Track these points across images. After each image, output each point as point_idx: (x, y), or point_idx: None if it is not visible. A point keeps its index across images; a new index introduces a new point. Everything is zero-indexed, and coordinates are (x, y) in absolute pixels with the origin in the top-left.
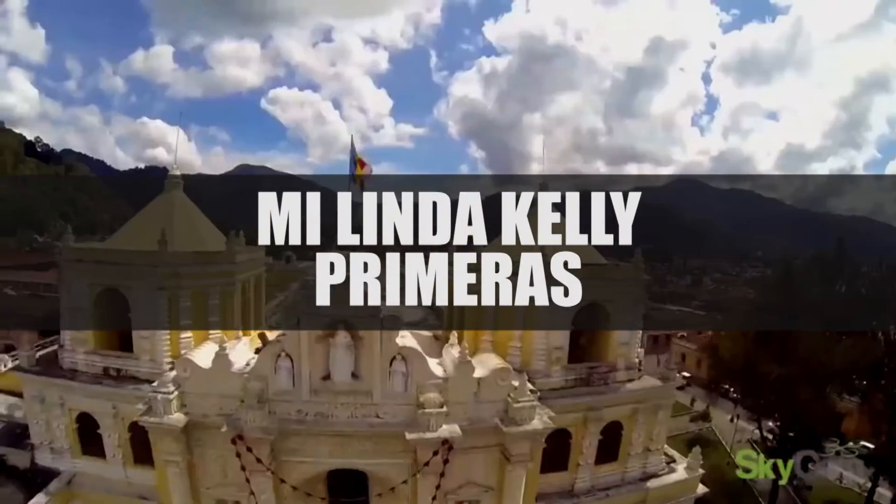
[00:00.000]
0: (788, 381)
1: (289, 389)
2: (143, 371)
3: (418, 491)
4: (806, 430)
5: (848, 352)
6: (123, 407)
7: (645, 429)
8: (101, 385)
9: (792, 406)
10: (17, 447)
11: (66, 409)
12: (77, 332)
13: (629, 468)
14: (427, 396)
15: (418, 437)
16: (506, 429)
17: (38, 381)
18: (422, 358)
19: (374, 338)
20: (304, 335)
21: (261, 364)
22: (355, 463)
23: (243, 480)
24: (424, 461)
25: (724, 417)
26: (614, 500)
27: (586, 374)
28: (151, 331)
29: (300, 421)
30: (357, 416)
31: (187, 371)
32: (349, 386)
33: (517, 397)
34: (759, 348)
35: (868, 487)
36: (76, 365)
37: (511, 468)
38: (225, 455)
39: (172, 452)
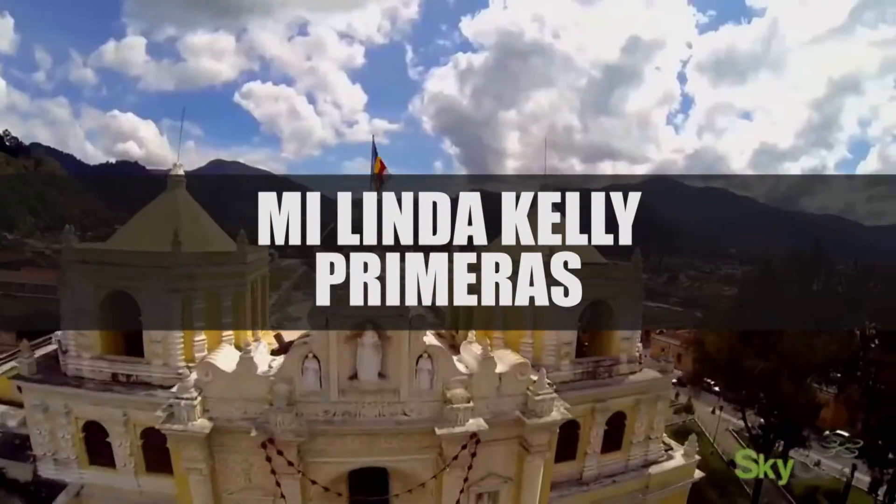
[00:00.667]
0: (772, 374)
1: (316, 390)
2: (155, 376)
3: (444, 485)
4: (788, 421)
5: (827, 346)
6: (135, 414)
7: (646, 418)
8: (111, 392)
9: (775, 398)
10: (16, 459)
11: (73, 417)
12: (82, 336)
13: (632, 456)
14: (454, 392)
15: (448, 431)
16: (528, 421)
17: (41, 389)
18: (447, 355)
19: (403, 337)
20: (333, 335)
21: (288, 366)
22: (381, 461)
23: (268, 484)
24: (453, 455)
25: (705, 409)
26: (620, 486)
27: (592, 368)
28: (164, 334)
29: (328, 421)
30: (384, 415)
31: (209, 375)
32: (377, 385)
33: (537, 390)
34: (743, 343)
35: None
36: (81, 371)
37: (531, 458)
38: (249, 459)
39: (196, 459)
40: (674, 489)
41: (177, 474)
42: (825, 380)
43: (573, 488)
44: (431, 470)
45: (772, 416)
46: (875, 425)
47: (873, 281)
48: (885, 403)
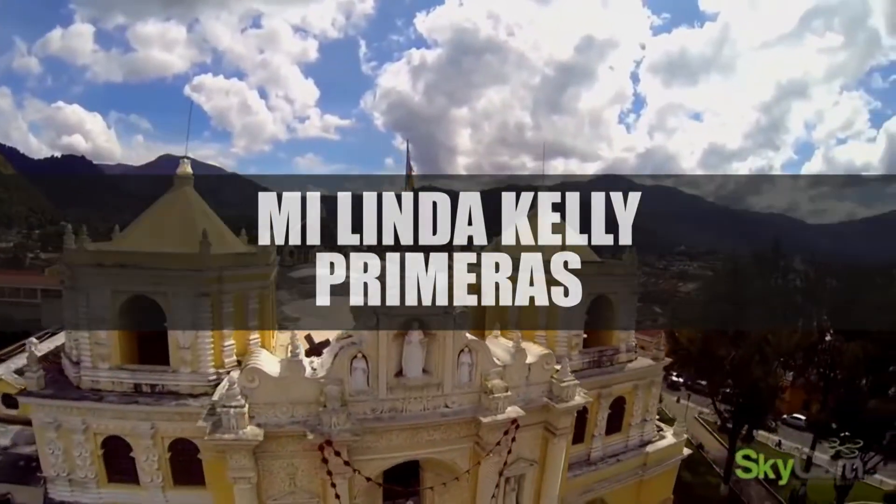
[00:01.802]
0: (743, 361)
1: (364, 389)
2: (183, 385)
3: (481, 472)
4: (753, 406)
5: (791, 336)
6: (163, 426)
7: (642, 402)
8: (136, 404)
9: (746, 383)
10: (23, 482)
11: (91, 433)
12: (99, 346)
13: (631, 437)
14: (494, 383)
15: (492, 419)
16: (557, 406)
17: (54, 405)
18: (486, 349)
19: (447, 333)
20: (383, 335)
21: (337, 366)
22: (422, 453)
23: (312, 487)
24: (495, 441)
25: (671, 399)
26: (623, 464)
27: (598, 357)
28: (193, 340)
29: (377, 418)
30: (428, 408)
31: (255, 381)
32: (422, 380)
33: (561, 378)
34: (715, 334)
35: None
36: (99, 383)
37: (556, 441)
38: (294, 463)
39: (245, 468)
40: (667, 465)
41: (214, 485)
42: (787, 366)
43: (584, 468)
44: (467, 458)
45: (740, 401)
46: (832, 406)
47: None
48: (840, 386)
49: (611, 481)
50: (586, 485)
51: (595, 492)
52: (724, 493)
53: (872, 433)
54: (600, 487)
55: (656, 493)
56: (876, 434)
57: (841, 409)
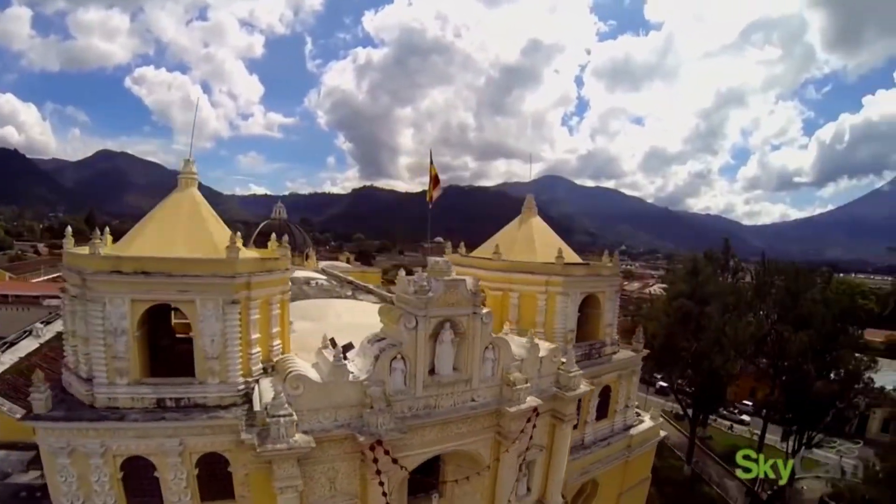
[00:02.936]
0: (703, 352)
1: (402, 388)
2: (211, 396)
3: (503, 460)
4: (712, 394)
5: (745, 328)
6: (192, 441)
7: (625, 390)
8: (164, 420)
9: (705, 373)
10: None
11: (110, 456)
12: (117, 360)
13: (616, 422)
14: (515, 375)
15: (517, 409)
16: (567, 394)
17: (69, 428)
18: (507, 345)
19: (476, 332)
20: (421, 336)
21: (380, 368)
22: (451, 446)
23: (351, 488)
24: (518, 429)
25: None
26: (612, 447)
27: (588, 350)
28: (222, 350)
29: (415, 416)
30: (458, 403)
31: (300, 388)
32: (453, 377)
33: (568, 369)
34: (677, 328)
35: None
36: (117, 401)
37: (564, 427)
38: (335, 466)
39: (292, 476)
40: (647, 446)
41: (251, 498)
42: (740, 355)
43: (580, 452)
44: (489, 448)
45: (698, 390)
46: (779, 390)
47: (775, 276)
48: (788, 372)
49: (602, 462)
50: (583, 467)
51: (590, 473)
52: (687, 473)
53: (817, 413)
54: (594, 469)
55: (638, 473)
56: (820, 413)
57: (790, 392)
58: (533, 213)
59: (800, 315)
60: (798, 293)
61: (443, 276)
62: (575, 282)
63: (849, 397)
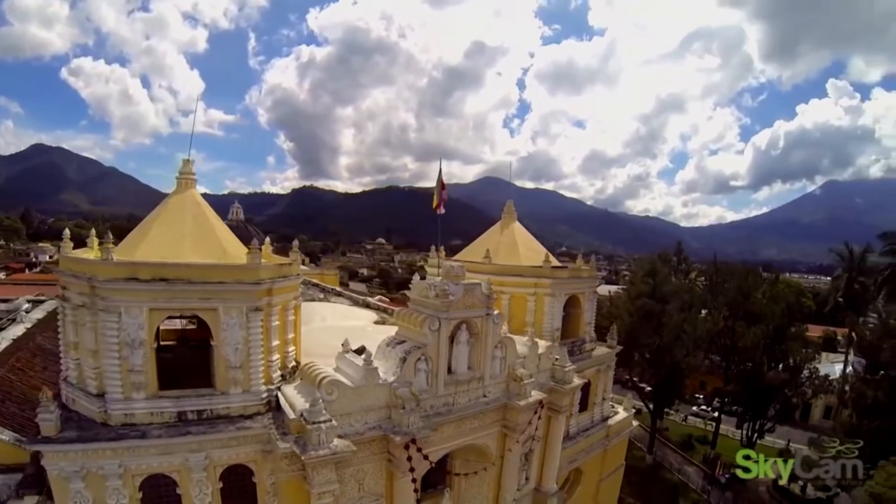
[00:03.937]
0: (664, 347)
1: (425, 388)
2: (234, 406)
3: (511, 449)
4: (671, 387)
5: (703, 323)
6: (217, 454)
7: (602, 384)
8: (190, 434)
9: (666, 367)
10: None
11: (129, 476)
12: (133, 374)
13: (595, 414)
14: (521, 371)
15: (525, 402)
16: (563, 387)
17: (83, 449)
18: (513, 343)
19: (489, 332)
20: (443, 336)
21: (407, 369)
22: (465, 440)
23: (377, 488)
24: (526, 421)
25: None
26: (592, 437)
27: (571, 347)
28: (244, 359)
29: (437, 413)
30: (472, 399)
31: (334, 393)
32: (468, 375)
33: (563, 364)
34: (640, 325)
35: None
36: (134, 416)
37: (559, 418)
38: (363, 468)
39: (330, 481)
40: (622, 436)
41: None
42: (698, 349)
43: (567, 442)
44: (496, 441)
45: (659, 382)
46: (734, 381)
47: (726, 276)
48: (741, 364)
49: (586, 451)
50: (570, 456)
51: (576, 462)
52: (649, 462)
53: (769, 401)
54: (580, 458)
55: (614, 460)
56: (771, 401)
57: (744, 382)
58: (513, 218)
59: (750, 312)
60: (749, 292)
61: (458, 279)
62: (561, 283)
63: (796, 385)
